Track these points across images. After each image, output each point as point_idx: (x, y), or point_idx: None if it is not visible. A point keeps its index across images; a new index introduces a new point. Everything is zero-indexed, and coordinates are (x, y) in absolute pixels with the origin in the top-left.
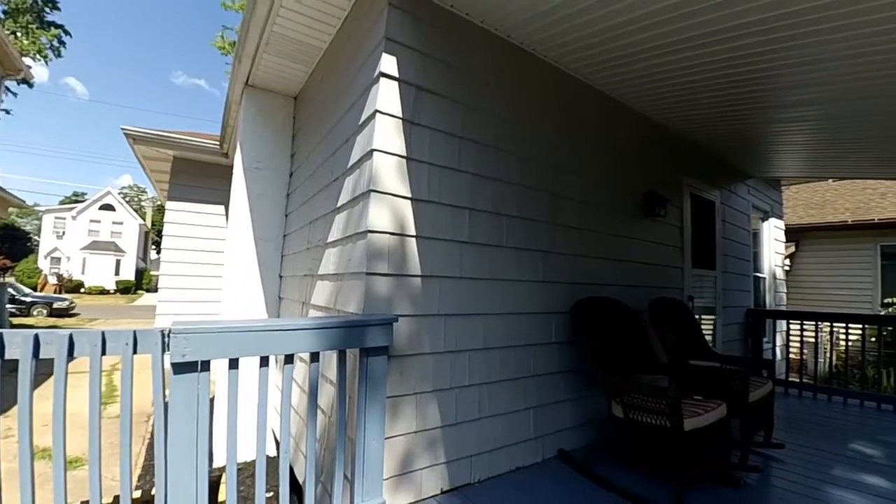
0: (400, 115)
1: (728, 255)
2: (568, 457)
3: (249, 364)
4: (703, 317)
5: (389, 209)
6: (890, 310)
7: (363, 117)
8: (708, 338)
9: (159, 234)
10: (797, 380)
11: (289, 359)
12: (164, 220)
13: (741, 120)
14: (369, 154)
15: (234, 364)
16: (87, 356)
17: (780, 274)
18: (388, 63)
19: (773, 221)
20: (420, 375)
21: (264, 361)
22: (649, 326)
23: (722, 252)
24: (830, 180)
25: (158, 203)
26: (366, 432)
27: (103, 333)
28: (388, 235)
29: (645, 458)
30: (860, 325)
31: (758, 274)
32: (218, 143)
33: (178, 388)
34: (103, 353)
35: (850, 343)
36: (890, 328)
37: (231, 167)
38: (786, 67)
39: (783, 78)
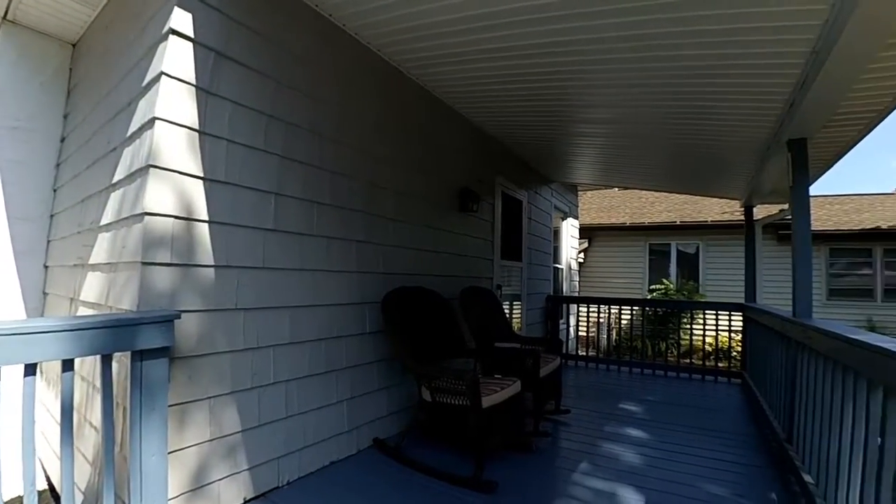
0: (193, 81)
1: (532, 249)
2: (383, 445)
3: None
4: (513, 303)
5: (174, 189)
6: (654, 294)
7: (147, 79)
8: (516, 321)
9: None
10: (585, 354)
11: (30, 369)
12: None
13: (544, 129)
14: (150, 123)
15: None
16: None
17: (574, 266)
18: (182, 19)
19: (570, 221)
20: (214, 377)
21: None
22: (460, 314)
23: (528, 246)
24: (616, 189)
25: None
26: (142, 447)
27: None
28: (171, 219)
29: (453, 436)
30: (631, 307)
31: (557, 265)
32: None
33: None
34: None
35: (622, 322)
36: (654, 309)
37: None
38: (585, 88)
39: (579, 97)
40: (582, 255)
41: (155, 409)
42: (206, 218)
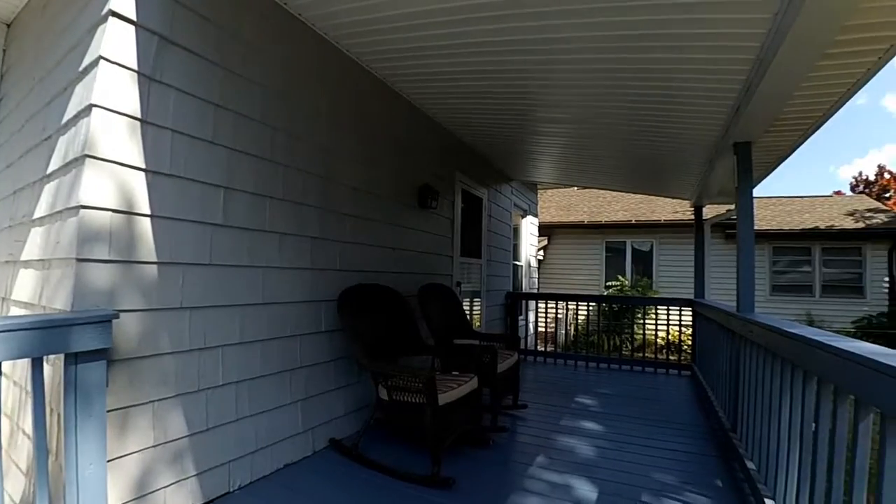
0: (135, 67)
1: (492, 246)
2: (339, 445)
3: None
4: (473, 300)
5: (113, 181)
6: (610, 290)
7: (85, 63)
8: (475, 318)
9: None
10: (544, 349)
11: None
12: None
13: (504, 127)
14: (87, 110)
15: None
16: None
17: (534, 262)
18: (122, 0)
19: (530, 219)
20: (157, 379)
21: None
22: (418, 311)
23: (487, 243)
24: (575, 188)
25: None
26: (79, 456)
27: None
28: (110, 213)
29: (410, 434)
30: (588, 303)
31: (516, 262)
32: None
33: None
34: None
35: (580, 318)
36: (610, 305)
37: None
38: (542, 88)
39: (539, 97)
40: (541, 252)
41: (92, 415)
42: (149, 212)
